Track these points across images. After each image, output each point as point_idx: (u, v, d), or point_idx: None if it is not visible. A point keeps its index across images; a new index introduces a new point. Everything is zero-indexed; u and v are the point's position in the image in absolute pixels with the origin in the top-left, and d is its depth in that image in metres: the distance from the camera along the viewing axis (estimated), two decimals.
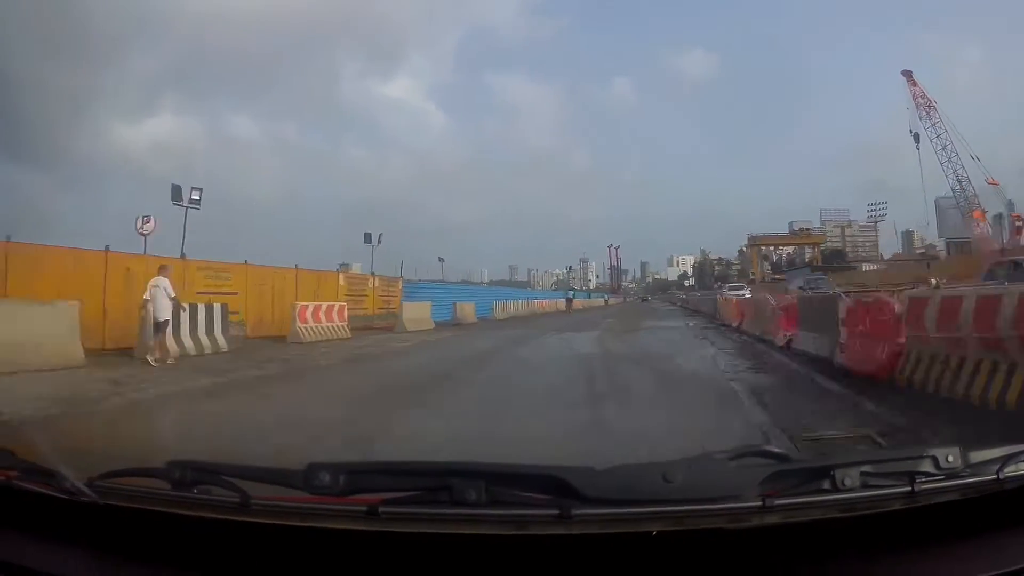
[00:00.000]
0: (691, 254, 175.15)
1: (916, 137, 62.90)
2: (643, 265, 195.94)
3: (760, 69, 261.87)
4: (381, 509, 1.07)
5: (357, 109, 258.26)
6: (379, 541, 1.06)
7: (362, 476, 1.15)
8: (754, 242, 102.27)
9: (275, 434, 5.06)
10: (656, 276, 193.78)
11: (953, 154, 60.76)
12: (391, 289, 26.27)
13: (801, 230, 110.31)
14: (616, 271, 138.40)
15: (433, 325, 22.59)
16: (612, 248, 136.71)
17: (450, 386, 8.42)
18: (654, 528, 1.02)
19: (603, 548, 1.03)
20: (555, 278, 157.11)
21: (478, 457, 1.30)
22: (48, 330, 9.88)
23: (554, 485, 1.08)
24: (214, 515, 1.12)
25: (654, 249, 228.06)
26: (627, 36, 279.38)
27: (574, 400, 6.70)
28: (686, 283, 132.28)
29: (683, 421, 5.52)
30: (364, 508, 1.08)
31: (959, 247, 67.79)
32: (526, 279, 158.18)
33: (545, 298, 49.47)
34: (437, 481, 1.12)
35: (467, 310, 27.28)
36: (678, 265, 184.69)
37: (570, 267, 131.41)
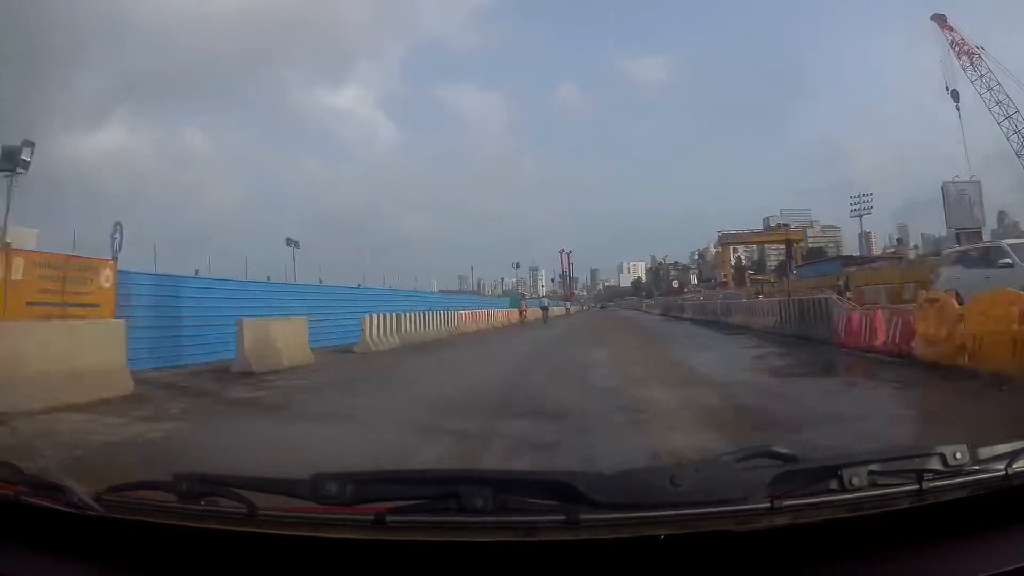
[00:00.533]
0: (642, 260, 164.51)
1: (955, 95, 51.47)
2: (593, 272, 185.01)
3: (713, 73, 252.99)
4: (388, 518, 1.07)
5: (305, 121, 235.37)
6: (387, 550, 1.06)
7: (369, 485, 1.16)
8: (726, 240, 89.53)
9: None
10: (607, 283, 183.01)
11: (1012, 110, 49.40)
12: (83, 288, 11.18)
13: (779, 226, 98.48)
14: (568, 277, 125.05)
15: (130, 387, 8.09)
16: (563, 253, 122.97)
17: None
18: (663, 532, 1.01)
19: (612, 553, 1.01)
20: (505, 287, 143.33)
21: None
22: None
23: (561, 490, 1.07)
24: (221, 526, 1.11)
25: (603, 257, 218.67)
26: (579, 40, 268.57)
27: None
28: (675, 284, 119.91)
29: None
30: (371, 517, 1.07)
31: (969, 238, 56.57)
32: (476, 289, 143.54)
33: (484, 307, 34.30)
34: (444, 489, 1.11)
35: (281, 335, 12.01)
36: (630, 271, 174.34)
37: (518, 264, 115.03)
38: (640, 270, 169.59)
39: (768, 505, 1.02)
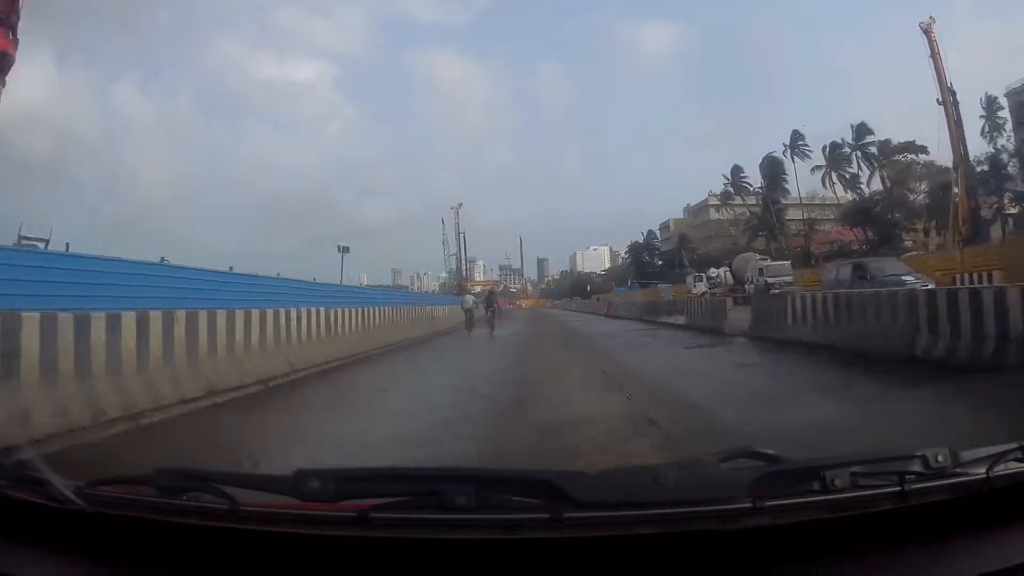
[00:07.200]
0: (606, 245, 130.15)
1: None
2: (541, 262, 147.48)
3: (716, 48, 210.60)
4: (371, 515, 1.06)
5: (255, 92, 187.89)
6: (369, 547, 1.05)
7: (352, 482, 1.15)
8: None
9: None
10: (562, 272, 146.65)
11: None
12: None
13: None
14: (459, 242, 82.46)
15: None
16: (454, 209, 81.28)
17: None
18: (645, 531, 1.01)
19: (595, 551, 1.01)
20: (440, 281, 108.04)
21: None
22: None
23: (545, 489, 1.07)
24: (203, 522, 1.11)
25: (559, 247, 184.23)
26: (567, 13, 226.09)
27: None
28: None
29: None
30: (354, 514, 1.07)
31: None
32: (408, 284, 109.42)
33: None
34: (427, 486, 1.11)
35: None
36: (594, 251, 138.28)
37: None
38: (605, 255, 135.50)
39: (751, 505, 1.02)
